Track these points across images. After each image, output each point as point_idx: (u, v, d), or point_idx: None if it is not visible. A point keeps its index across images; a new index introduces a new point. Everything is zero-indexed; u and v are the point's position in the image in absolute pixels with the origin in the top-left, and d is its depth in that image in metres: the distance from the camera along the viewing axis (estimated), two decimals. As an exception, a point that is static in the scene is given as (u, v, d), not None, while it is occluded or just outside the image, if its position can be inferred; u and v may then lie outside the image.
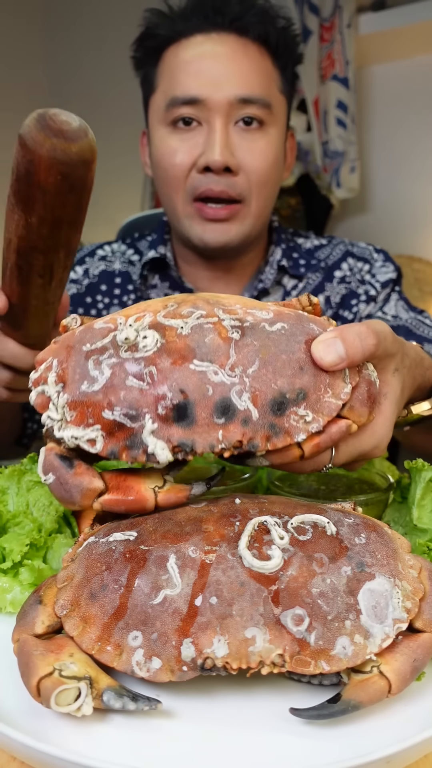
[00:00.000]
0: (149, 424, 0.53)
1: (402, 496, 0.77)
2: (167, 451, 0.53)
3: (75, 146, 0.59)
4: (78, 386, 0.55)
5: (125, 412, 0.53)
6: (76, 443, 0.55)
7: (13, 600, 0.63)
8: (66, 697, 0.47)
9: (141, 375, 0.54)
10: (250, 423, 0.54)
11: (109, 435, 0.54)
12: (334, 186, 2.86)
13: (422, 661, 0.50)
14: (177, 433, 0.53)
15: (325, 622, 0.49)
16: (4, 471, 0.73)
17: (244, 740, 0.48)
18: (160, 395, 0.53)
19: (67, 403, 0.55)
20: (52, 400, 0.57)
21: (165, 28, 1.17)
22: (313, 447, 0.58)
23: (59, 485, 0.56)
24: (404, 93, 2.92)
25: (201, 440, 0.54)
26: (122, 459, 0.54)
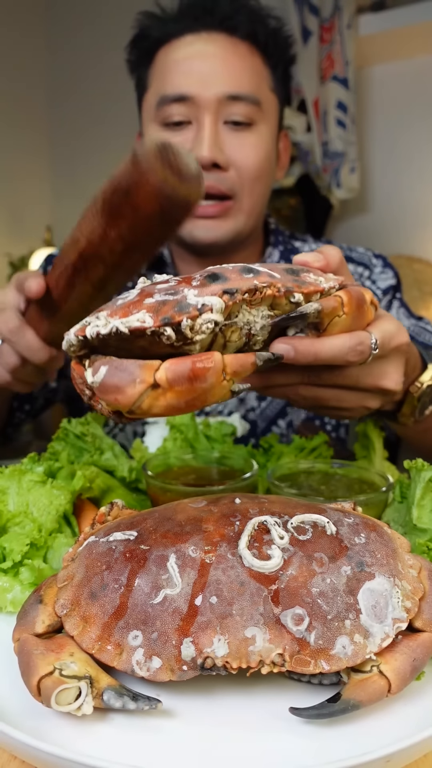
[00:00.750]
0: (190, 291, 0.54)
1: (402, 496, 0.77)
2: (217, 297, 0.54)
3: (185, 188, 0.60)
4: (114, 303, 0.57)
5: (164, 292, 0.55)
6: (127, 326, 0.52)
7: (14, 599, 0.63)
8: (66, 696, 0.47)
9: (167, 281, 0.57)
10: (276, 277, 0.58)
11: (156, 311, 0.53)
12: (334, 186, 2.86)
13: (422, 661, 0.50)
14: (218, 287, 0.55)
15: (324, 622, 0.49)
16: (4, 471, 0.73)
17: (244, 740, 0.48)
18: (191, 278, 0.56)
19: (107, 314, 0.55)
20: (91, 322, 0.56)
21: (156, 29, 1.18)
22: (348, 296, 0.61)
23: (114, 370, 0.52)
24: (404, 93, 2.92)
25: (242, 284, 0.55)
26: (176, 320, 0.52)
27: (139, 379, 0.51)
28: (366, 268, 1.35)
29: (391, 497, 0.76)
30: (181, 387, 0.51)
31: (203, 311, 0.53)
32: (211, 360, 0.51)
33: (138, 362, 0.52)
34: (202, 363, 0.51)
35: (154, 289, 0.56)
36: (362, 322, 0.64)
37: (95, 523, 0.62)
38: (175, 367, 0.51)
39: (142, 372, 0.51)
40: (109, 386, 0.52)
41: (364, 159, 3.03)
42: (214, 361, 0.51)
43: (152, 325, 0.52)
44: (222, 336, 0.57)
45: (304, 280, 0.60)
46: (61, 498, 0.71)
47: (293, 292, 0.58)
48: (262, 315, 0.58)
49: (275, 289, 0.57)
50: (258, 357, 0.54)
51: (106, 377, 0.52)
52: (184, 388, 0.51)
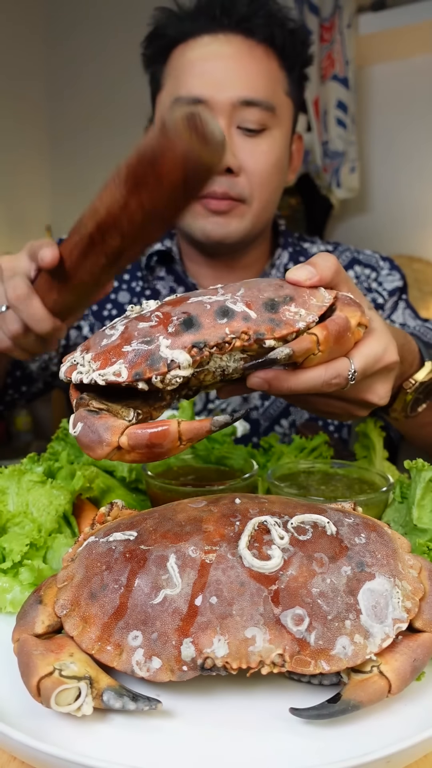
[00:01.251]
0: (163, 341, 0.59)
1: (402, 496, 0.77)
2: (185, 353, 0.58)
3: (209, 153, 0.61)
4: (99, 344, 0.63)
5: (141, 341, 0.60)
6: (104, 379, 0.59)
7: (13, 600, 0.63)
8: (66, 696, 0.47)
9: (149, 318, 0.62)
10: (251, 320, 0.60)
11: (131, 364, 0.59)
12: (334, 186, 2.86)
13: (422, 661, 0.50)
14: (189, 338, 0.59)
15: (325, 622, 0.49)
16: (4, 471, 0.73)
17: (244, 740, 0.48)
18: (167, 321, 0.61)
19: (91, 358, 0.61)
20: (78, 362, 0.62)
21: (173, 27, 1.17)
22: (323, 331, 0.61)
23: (87, 430, 0.58)
24: (404, 93, 2.92)
25: (211, 336, 0.59)
26: (147, 376, 0.58)
27: (105, 442, 0.57)
28: (373, 270, 1.35)
29: (391, 497, 0.76)
30: (141, 450, 0.57)
31: (171, 368, 0.58)
32: (167, 431, 0.56)
33: (107, 423, 0.58)
34: (157, 433, 0.56)
35: (135, 330, 0.61)
36: (344, 348, 0.65)
37: (95, 524, 0.62)
38: (135, 435, 0.56)
39: (108, 435, 0.57)
40: (83, 443, 0.59)
41: (364, 158, 3.03)
42: (169, 431, 0.56)
43: (126, 380, 0.59)
44: (196, 378, 0.62)
45: (280, 319, 0.61)
46: (60, 498, 0.71)
47: (264, 340, 0.60)
48: (235, 359, 0.62)
49: (245, 338, 0.60)
50: (213, 423, 0.57)
51: (80, 435, 0.59)
52: (144, 451, 0.57)
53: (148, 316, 0.62)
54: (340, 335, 0.62)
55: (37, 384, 1.34)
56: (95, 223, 0.68)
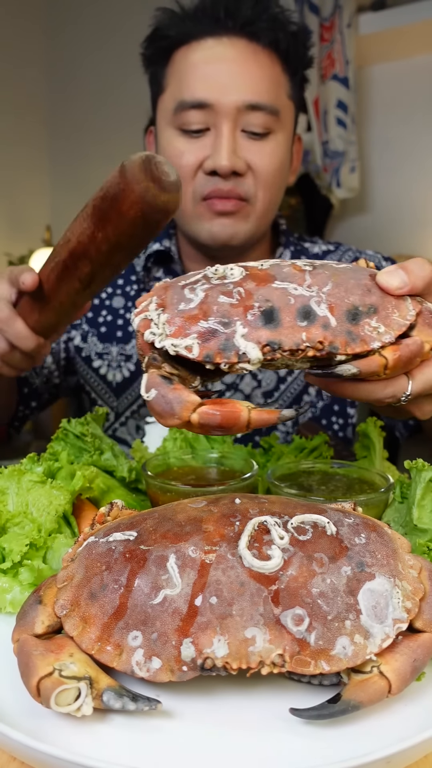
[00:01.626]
0: (240, 329, 0.59)
1: (402, 496, 0.76)
2: (257, 350, 0.58)
3: (164, 196, 0.66)
4: (176, 307, 0.62)
5: (218, 320, 0.60)
6: (176, 350, 0.59)
7: (13, 600, 0.63)
8: (66, 697, 0.47)
9: (231, 293, 0.61)
10: (329, 328, 0.60)
11: (204, 341, 0.59)
12: (334, 186, 2.86)
13: (422, 661, 0.50)
14: (265, 335, 0.59)
15: (325, 622, 0.49)
16: (4, 471, 0.73)
17: (244, 740, 0.48)
18: (248, 305, 0.60)
19: (166, 321, 0.61)
20: (153, 320, 0.62)
21: (175, 28, 1.16)
22: (394, 355, 0.61)
23: (160, 398, 0.59)
24: (404, 93, 2.93)
25: (287, 339, 0.59)
26: (216, 361, 0.59)
27: (177, 415, 0.58)
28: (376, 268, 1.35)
29: (391, 497, 0.76)
30: (209, 429, 0.59)
31: (242, 360, 0.59)
32: (239, 416, 0.57)
33: (180, 397, 0.58)
34: (229, 417, 0.57)
35: (214, 302, 0.61)
36: (407, 369, 0.64)
37: (95, 524, 0.62)
38: (207, 415, 0.58)
39: (180, 410, 0.58)
40: (154, 410, 0.60)
41: (364, 158, 3.03)
42: (240, 417, 0.57)
43: (196, 357, 0.59)
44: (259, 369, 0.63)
45: (358, 334, 0.60)
46: (60, 498, 0.71)
47: (337, 354, 0.60)
48: (301, 363, 0.62)
49: (319, 347, 0.59)
50: (281, 417, 0.58)
51: (154, 402, 0.59)
52: (212, 430, 0.59)
53: (230, 289, 0.61)
54: (410, 361, 0.62)
55: (44, 396, 1.37)
56: (68, 251, 0.75)
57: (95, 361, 1.32)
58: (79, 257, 0.74)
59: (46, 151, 4.04)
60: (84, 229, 0.71)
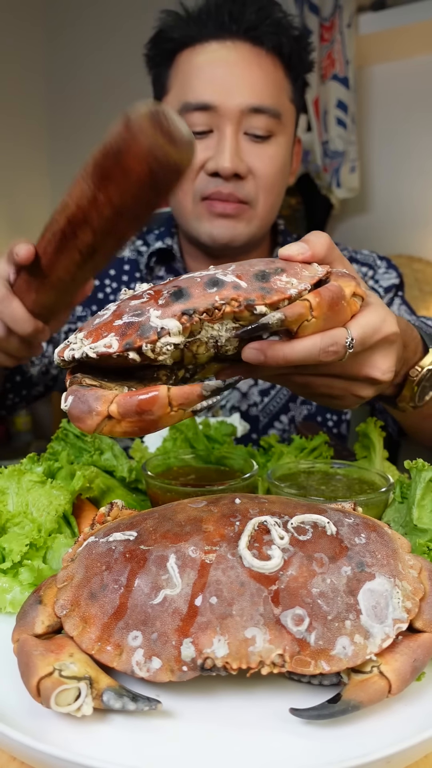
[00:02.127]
0: (153, 312, 0.60)
1: (402, 496, 0.76)
2: (175, 320, 0.58)
3: (176, 151, 0.60)
4: (92, 323, 0.63)
5: (132, 314, 0.60)
6: (95, 351, 0.59)
7: (13, 600, 0.63)
8: (66, 697, 0.47)
9: (141, 296, 0.63)
10: (241, 288, 0.60)
11: (122, 335, 0.59)
12: (334, 186, 2.86)
13: (422, 661, 0.50)
14: (178, 307, 0.59)
15: (325, 622, 0.49)
16: (4, 471, 0.73)
17: (244, 740, 0.48)
18: (158, 296, 0.61)
19: (83, 336, 0.62)
20: (71, 341, 0.63)
21: (180, 31, 1.18)
22: (316, 298, 0.60)
23: (77, 401, 0.58)
24: (404, 93, 2.92)
25: (201, 303, 0.59)
26: (137, 345, 0.58)
27: (95, 411, 0.56)
28: (370, 268, 1.36)
29: (391, 497, 0.76)
30: (131, 419, 0.56)
31: (162, 335, 0.58)
32: (156, 396, 0.55)
33: (96, 394, 0.57)
34: (145, 398, 0.55)
35: (126, 307, 0.61)
36: (340, 319, 0.64)
37: (95, 524, 0.62)
38: (124, 402, 0.56)
39: (97, 404, 0.56)
40: (73, 416, 0.58)
41: (364, 158, 3.03)
42: (158, 397, 0.55)
43: (116, 350, 0.59)
44: (188, 350, 0.62)
45: (272, 287, 0.61)
46: (60, 498, 0.71)
47: (254, 305, 0.60)
48: (227, 328, 0.61)
49: (235, 304, 0.59)
50: (204, 388, 0.56)
51: (71, 407, 0.58)
52: (134, 419, 0.56)
53: (140, 294, 0.63)
54: (333, 302, 0.61)
55: (38, 387, 1.35)
56: (66, 218, 0.68)
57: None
58: (79, 224, 0.67)
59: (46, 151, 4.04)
60: (83, 191, 0.65)
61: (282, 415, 1.30)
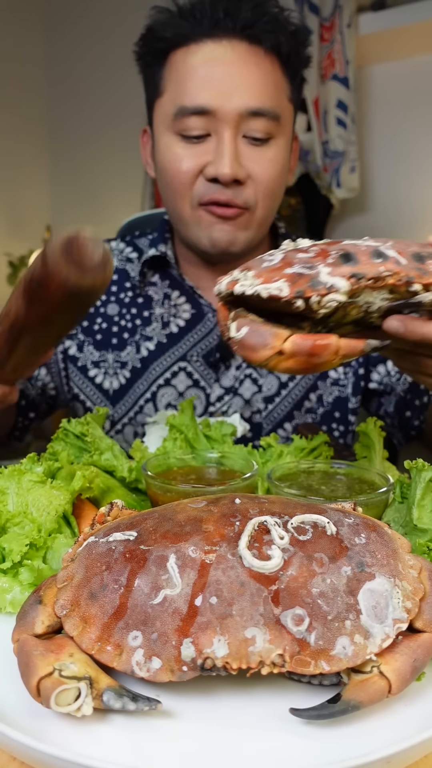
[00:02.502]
0: (323, 269, 0.64)
1: (402, 496, 0.76)
2: (344, 280, 0.63)
3: (89, 278, 0.64)
4: (260, 264, 0.67)
5: (303, 265, 0.64)
6: (268, 292, 0.63)
7: (13, 600, 0.63)
8: (66, 697, 0.47)
9: (307, 250, 0.67)
10: (401, 264, 0.65)
11: (292, 282, 0.63)
12: (334, 186, 2.86)
13: (422, 661, 0.50)
14: (348, 269, 0.64)
15: (325, 622, 0.49)
16: (4, 471, 0.73)
17: (244, 740, 0.48)
18: (326, 254, 0.65)
19: (254, 275, 0.66)
20: (239, 278, 0.67)
21: (172, 29, 1.14)
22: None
23: (253, 332, 0.64)
24: (404, 93, 2.93)
25: (369, 270, 0.63)
26: (307, 295, 0.62)
27: (270, 345, 0.63)
28: None
29: (391, 497, 0.76)
30: (301, 358, 0.63)
31: (331, 291, 0.63)
32: (329, 344, 0.62)
33: (272, 329, 0.64)
34: (320, 343, 0.62)
35: (294, 257, 0.66)
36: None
37: (95, 524, 0.62)
38: (300, 342, 0.62)
39: (273, 339, 0.63)
40: (247, 345, 0.64)
41: (364, 158, 3.03)
42: (330, 343, 0.62)
43: (287, 296, 0.63)
44: (343, 310, 0.66)
45: (427, 269, 0.65)
46: (60, 498, 0.71)
47: (413, 283, 0.64)
48: (382, 298, 0.66)
49: (397, 278, 0.64)
50: (367, 345, 0.64)
51: (246, 337, 0.64)
52: (303, 359, 0.63)
53: (306, 249, 0.67)
54: None
55: (41, 407, 1.36)
56: (8, 323, 0.76)
57: (91, 370, 1.31)
58: (20, 330, 0.75)
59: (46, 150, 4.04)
60: (19, 306, 0.72)
61: (286, 423, 1.29)
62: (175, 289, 1.32)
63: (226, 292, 0.68)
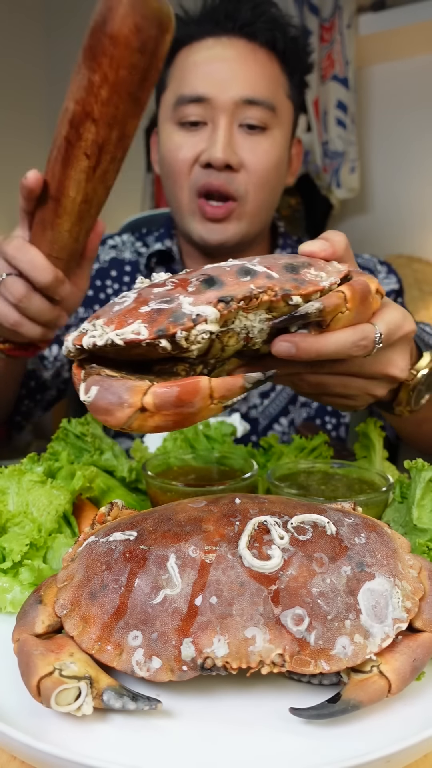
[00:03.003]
0: (185, 299, 0.55)
1: (402, 496, 0.77)
2: (211, 307, 0.54)
3: (155, 2, 0.60)
4: (111, 310, 0.58)
5: (160, 300, 0.56)
6: (122, 338, 0.54)
7: (13, 600, 0.63)
8: (66, 696, 0.47)
9: (164, 284, 0.59)
10: (274, 279, 0.58)
11: (151, 322, 0.54)
12: (334, 186, 2.86)
13: (422, 661, 0.50)
14: (213, 294, 0.56)
15: (325, 622, 0.49)
16: (4, 471, 0.73)
17: (244, 740, 0.48)
18: (186, 284, 0.57)
19: (104, 323, 0.56)
20: (88, 329, 0.57)
21: (179, 31, 1.18)
22: (349, 289, 0.60)
23: (104, 392, 0.53)
24: (404, 93, 2.92)
25: (238, 291, 0.56)
26: (171, 332, 0.53)
27: (127, 403, 0.52)
28: (371, 273, 1.37)
29: (391, 497, 0.76)
30: (168, 411, 0.52)
31: (198, 322, 0.54)
32: (198, 386, 0.51)
33: (126, 384, 0.52)
34: (187, 389, 0.51)
35: (150, 294, 0.57)
36: (367, 313, 0.64)
37: (95, 524, 0.62)
38: (162, 393, 0.51)
39: (130, 396, 0.52)
40: (99, 408, 0.53)
41: (364, 159, 3.03)
42: (200, 387, 0.51)
43: (147, 337, 0.53)
44: (219, 341, 0.58)
45: (303, 279, 0.59)
46: (60, 498, 0.71)
47: (291, 295, 0.58)
48: (260, 319, 0.59)
49: (272, 293, 0.57)
50: (246, 380, 0.53)
51: (96, 398, 0.53)
52: (171, 412, 0.52)
53: (162, 282, 0.59)
54: (364, 295, 0.62)
55: (51, 392, 1.35)
56: (67, 122, 0.68)
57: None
58: (81, 121, 0.66)
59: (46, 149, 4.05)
60: (79, 82, 0.64)
61: (282, 418, 1.30)
62: None
63: (75, 349, 0.57)
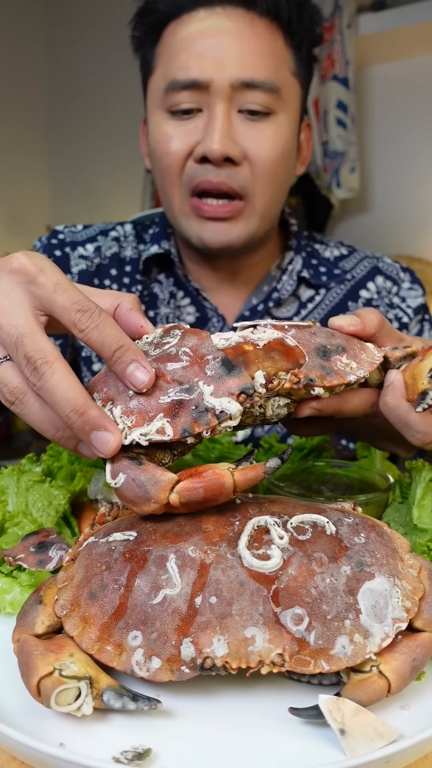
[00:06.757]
0: (206, 388, 0.54)
1: (402, 496, 0.77)
2: (234, 403, 0.54)
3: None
4: (126, 394, 0.56)
5: (179, 388, 0.54)
6: (147, 439, 0.54)
7: (13, 600, 0.63)
8: (66, 696, 0.47)
9: (177, 357, 0.56)
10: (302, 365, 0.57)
11: (173, 417, 0.54)
12: (334, 186, 2.86)
13: (422, 661, 0.50)
14: (234, 383, 0.54)
15: (324, 622, 0.49)
16: (4, 471, 0.73)
17: (244, 740, 0.48)
18: (202, 361, 0.55)
19: (122, 413, 0.55)
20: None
21: (165, 2, 1.04)
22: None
23: (131, 483, 0.53)
24: (404, 93, 2.92)
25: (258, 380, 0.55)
26: (196, 432, 0.53)
27: (154, 499, 0.53)
28: (394, 283, 1.26)
29: (391, 497, 0.76)
30: (192, 506, 0.54)
31: (222, 419, 0.54)
32: (222, 485, 0.52)
33: (154, 478, 0.53)
34: (213, 488, 0.52)
35: (165, 371, 0.55)
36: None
37: (95, 524, 0.62)
38: (188, 493, 0.52)
39: (156, 492, 0.53)
40: (126, 498, 0.54)
41: (364, 159, 3.03)
42: (224, 485, 0.52)
43: (173, 437, 0.53)
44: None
45: (332, 368, 0.58)
46: (60, 498, 0.71)
47: (314, 386, 0.57)
48: (278, 405, 0.58)
49: (294, 380, 0.56)
50: (266, 470, 0.54)
51: (124, 488, 0.53)
52: (197, 505, 0.54)
53: (176, 354, 0.57)
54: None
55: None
56: None
57: (96, 364, 1.27)
58: None
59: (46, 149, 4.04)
60: None
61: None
62: (180, 289, 1.24)
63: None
